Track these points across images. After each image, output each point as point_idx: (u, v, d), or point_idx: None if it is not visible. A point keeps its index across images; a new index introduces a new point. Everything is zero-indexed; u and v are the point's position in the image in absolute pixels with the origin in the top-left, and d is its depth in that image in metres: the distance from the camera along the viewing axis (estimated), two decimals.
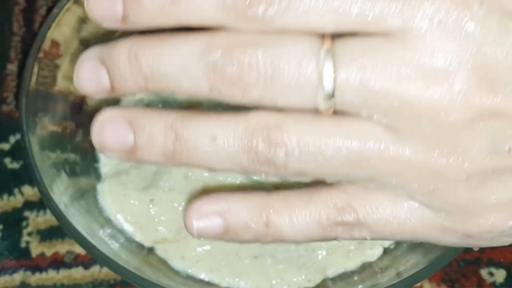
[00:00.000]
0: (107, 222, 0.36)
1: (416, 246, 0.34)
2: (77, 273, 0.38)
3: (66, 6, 0.36)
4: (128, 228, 0.36)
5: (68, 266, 0.38)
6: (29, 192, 0.41)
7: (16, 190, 0.41)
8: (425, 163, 0.21)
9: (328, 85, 0.20)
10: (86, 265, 0.38)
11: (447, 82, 0.20)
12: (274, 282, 0.34)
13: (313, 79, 0.20)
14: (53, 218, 0.31)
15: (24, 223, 0.40)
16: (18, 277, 0.38)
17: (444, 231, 0.23)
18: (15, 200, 0.41)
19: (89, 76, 0.23)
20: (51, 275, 0.38)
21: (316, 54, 0.20)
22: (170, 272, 0.35)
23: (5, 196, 0.41)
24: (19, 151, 0.42)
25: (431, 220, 0.23)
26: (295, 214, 0.22)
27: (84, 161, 0.38)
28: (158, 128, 0.22)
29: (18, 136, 0.43)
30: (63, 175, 0.35)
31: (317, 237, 0.23)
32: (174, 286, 0.32)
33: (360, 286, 0.34)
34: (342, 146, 0.21)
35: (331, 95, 0.20)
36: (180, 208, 0.36)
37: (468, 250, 0.38)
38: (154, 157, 0.22)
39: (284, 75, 0.20)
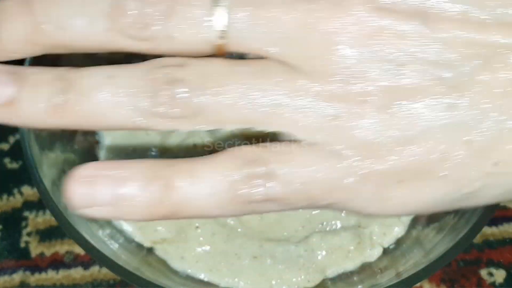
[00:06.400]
0: (107, 222, 0.36)
1: (416, 246, 0.34)
2: (77, 273, 0.38)
3: None
4: (127, 228, 0.36)
5: (68, 266, 0.38)
6: (29, 192, 0.41)
7: (15, 190, 0.41)
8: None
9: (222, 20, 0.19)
10: (86, 265, 0.38)
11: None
12: (273, 282, 0.34)
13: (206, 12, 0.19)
14: (53, 218, 0.31)
15: (23, 223, 0.40)
16: (17, 277, 0.38)
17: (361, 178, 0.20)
18: (15, 200, 0.40)
19: None
20: (51, 275, 0.38)
21: None
22: (170, 272, 0.35)
23: (5, 196, 0.41)
24: (19, 151, 0.42)
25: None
26: (200, 171, 0.19)
27: (83, 161, 0.37)
28: (45, 78, 0.20)
29: (17, 136, 0.43)
30: (63, 175, 0.34)
31: (226, 202, 0.19)
32: (173, 287, 0.32)
33: (359, 286, 0.34)
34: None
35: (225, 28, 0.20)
36: None
37: (468, 250, 0.38)
38: (38, 112, 0.19)
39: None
